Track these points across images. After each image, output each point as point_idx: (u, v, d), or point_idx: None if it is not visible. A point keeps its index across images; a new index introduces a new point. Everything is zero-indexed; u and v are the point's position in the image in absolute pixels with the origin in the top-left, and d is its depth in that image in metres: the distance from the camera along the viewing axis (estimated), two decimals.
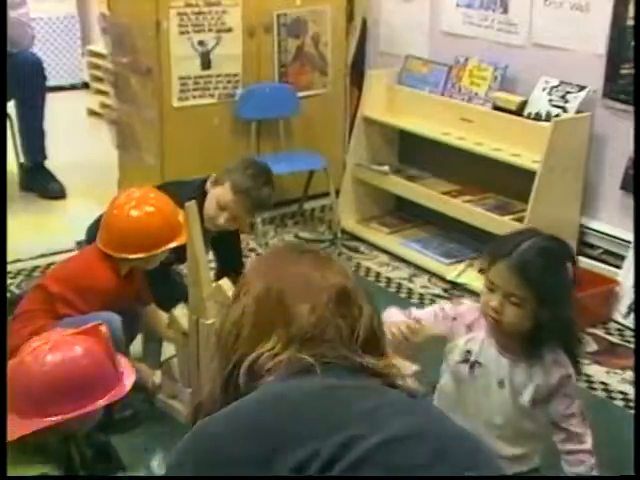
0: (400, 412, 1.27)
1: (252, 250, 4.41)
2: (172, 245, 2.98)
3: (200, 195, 3.34)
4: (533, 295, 2.18)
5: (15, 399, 2.05)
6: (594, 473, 2.28)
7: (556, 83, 4.05)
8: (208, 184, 3.39)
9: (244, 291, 1.39)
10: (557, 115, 3.97)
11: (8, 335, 2.76)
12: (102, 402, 2.07)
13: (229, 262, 3.60)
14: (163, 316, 3.20)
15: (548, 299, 2.19)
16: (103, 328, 2.19)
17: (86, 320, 2.78)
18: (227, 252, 3.63)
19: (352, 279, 1.43)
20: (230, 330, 1.37)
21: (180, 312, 2.95)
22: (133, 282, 3.07)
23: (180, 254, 3.00)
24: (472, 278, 4.02)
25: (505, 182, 4.22)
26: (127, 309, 3.00)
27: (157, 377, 3.12)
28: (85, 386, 2.05)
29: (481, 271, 3.48)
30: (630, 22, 3.80)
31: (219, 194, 3.34)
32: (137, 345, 3.33)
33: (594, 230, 4.07)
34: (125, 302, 3.03)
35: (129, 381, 2.18)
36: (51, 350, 2.08)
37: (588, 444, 2.29)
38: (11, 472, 1.98)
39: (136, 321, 3.15)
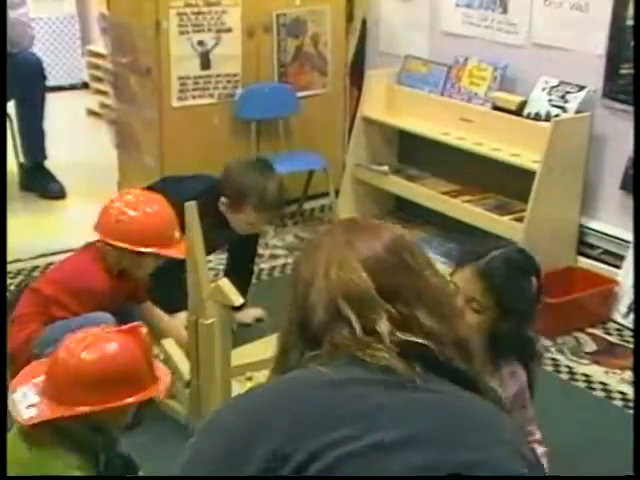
0: (407, 415, 1.24)
1: None
2: (153, 251, 2.94)
3: (208, 199, 3.31)
4: (494, 303, 2.21)
5: (48, 385, 2.11)
6: (544, 461, 2.31)
7: (556, 83, 4.05)
8: (223, 207, 3.32)
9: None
10: (557, 115, 3.97)
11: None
12: (131, 399, 2.09)
13: (238, 267, 3.63)
14: (159, 313, 3.20)
15: (509, 309, 2.21)
16: (143, 329, 2.21)
17: (79, 321, 2.80)
18: (240, 256, 3.67)
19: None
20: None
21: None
22: (127, 280, 3.07)
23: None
24: None
25: (505, 182, 4.22)
26: (121, 310, 3.00)
27: None
28: (117, 382, 2.08)
29: None
30: (630, 22, 3.80)
31: (245, 219, 3.33)
32: None
33: (594, 230, 4.08)
34: (119, 301, 3.03)
35: (163, 384, 2.20)
36: (87, 346, 2.12)
37: (537, 435, 2.35)
38: (42, 461, 2.05)
39: (130, 322, 3.15)
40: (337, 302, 1.31)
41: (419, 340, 1.29)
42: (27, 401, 2.10)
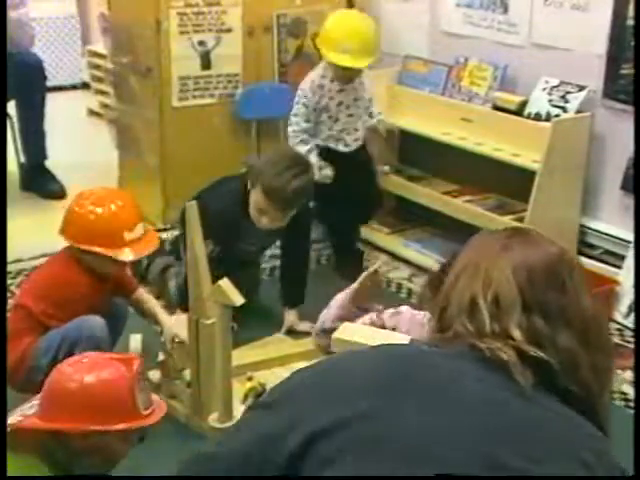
0: (442, 408, 1.23)
1: None
2: (100, 251, 2.91)
3: (242, 199, 3.39)
4: None
5: (40, 401, 2.11)
6: None
7: (556, 83, 4.05)
8: (248, 185, 3.38)
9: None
10: (557, 115, 3.97)
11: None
12: (97, 427, 2.04)
13: (289, 267, 3.71)
14: (151, 299, 3.21)
15: None
16: (136, 362, 2.17)
17: (71, 328, 2.80)
18: (290, 255, 3.72)
19: None
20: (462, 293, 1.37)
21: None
22: (109, 277, 3.06)
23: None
24: None
25: (505, 182, 4.22)
26: (109, 311, 3.01)
27: (155, 376, 3.13)
28: (97, 409, 2.05)
29: None
30: (630, 22, 3.80)
31: (255, 199, 3.35)
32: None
33: (594, 230, 4.07)
34: (108, 298, 3.03)
35: (145, 421, 2.15)
36: (78, 369, 2.13)
37: None
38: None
39: (121, 322, 3.15)
40: (476, 296, 1.32)
41: (541, 354, 1.28)
42: (24, 411, 2.11)
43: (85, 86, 7.06)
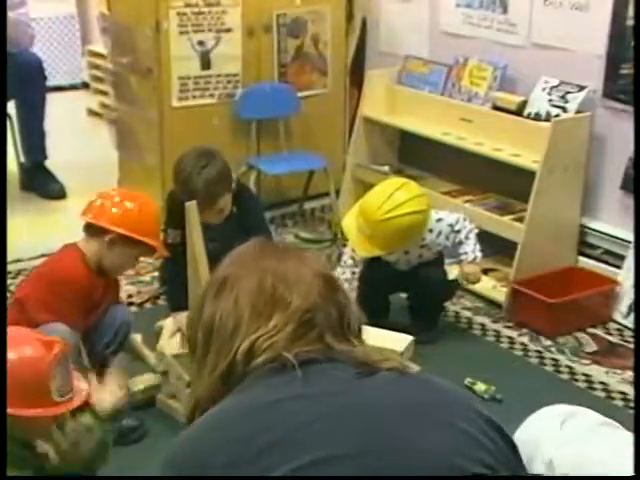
0: (344, 427, 1.24)
1: None
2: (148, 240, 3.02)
3: None
4: None
5: None
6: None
7: (556, 83, 4.05)
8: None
9: (230, 284, 1.40)
10: (557, 115, 3.97)
11: None
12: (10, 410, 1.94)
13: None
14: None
15: None
16: (58, 346, 2.05)
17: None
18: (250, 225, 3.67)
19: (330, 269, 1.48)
20: (226, 320, 1.37)
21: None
22: (103, 277, 3.06)
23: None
24: None
25: (505, 182, 4.22)
26: (104, 316, 3.02)
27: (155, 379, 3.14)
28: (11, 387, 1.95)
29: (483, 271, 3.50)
30: (630, 22, 3.79)
31: None
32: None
33: (594, 230, 4.07)
34: (96, 298, 3.03)
35: (52, 410, 2.02)
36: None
37: None
38: None
39: (122, 329, 3.15)
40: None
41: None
42: None
43: (85, 86, 7.07)
